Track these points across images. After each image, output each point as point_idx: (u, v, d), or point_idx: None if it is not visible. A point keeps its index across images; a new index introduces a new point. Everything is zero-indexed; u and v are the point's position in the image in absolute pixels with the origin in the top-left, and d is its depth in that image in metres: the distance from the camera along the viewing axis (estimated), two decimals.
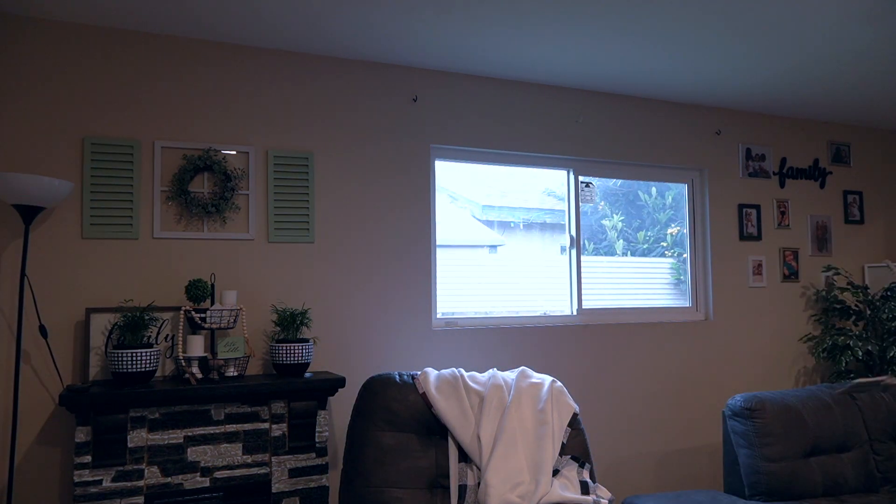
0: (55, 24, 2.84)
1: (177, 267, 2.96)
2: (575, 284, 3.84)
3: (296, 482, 2.75)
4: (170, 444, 2.57)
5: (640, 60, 3.43)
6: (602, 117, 3.93)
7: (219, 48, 3.10)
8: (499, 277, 3.69)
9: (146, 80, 2.97)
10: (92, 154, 2.84)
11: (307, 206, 3.19)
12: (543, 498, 2.42)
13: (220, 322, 2.77)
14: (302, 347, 2.84)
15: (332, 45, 3.17)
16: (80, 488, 2.43)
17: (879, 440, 3.04)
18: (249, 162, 3.10)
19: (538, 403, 2.71)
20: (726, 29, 3.04)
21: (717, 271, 4.18)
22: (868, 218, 4.76)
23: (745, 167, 4.34)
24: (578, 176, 3.92)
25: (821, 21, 2.97)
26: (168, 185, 2.96)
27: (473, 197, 3.74)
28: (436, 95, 3.52)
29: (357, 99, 3.35)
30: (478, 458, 2.55)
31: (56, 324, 2.76)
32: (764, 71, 3.60)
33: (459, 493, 2.50)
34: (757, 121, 4.42)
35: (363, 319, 3.28)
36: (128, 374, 2.54)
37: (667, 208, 4.24)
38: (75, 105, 2.85)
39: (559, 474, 2.58)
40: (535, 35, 3.08)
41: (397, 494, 2.47)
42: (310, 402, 2.78)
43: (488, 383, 2.78)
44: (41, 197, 2.57)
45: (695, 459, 4.03)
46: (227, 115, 3.09)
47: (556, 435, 2.64)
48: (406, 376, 2.79)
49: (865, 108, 4.32)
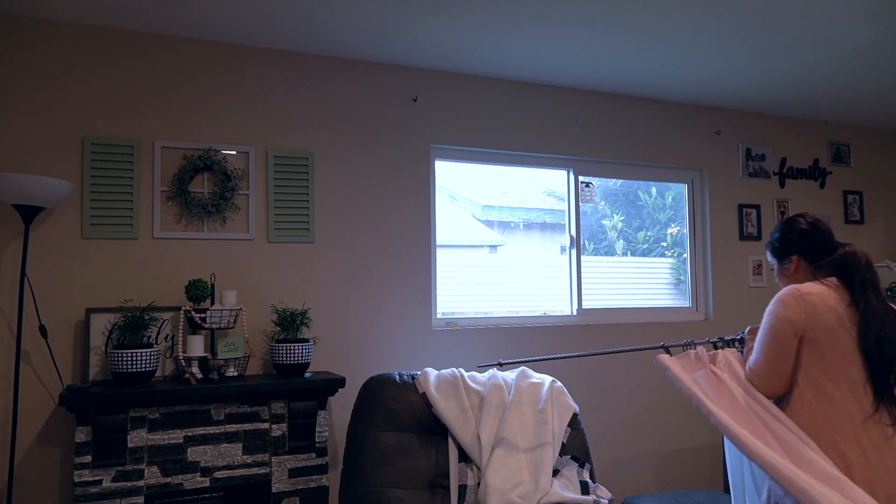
0: (55, 23, 2.84)
1: (177, 267, 2.96)
2: (575, 284, 3.84)
3: (296, 482, 2.75)
4: (170, 444, 2.57)
5: (641, 60, 3.43)
6: (602, 117, 3.93)
7: (219, 48, 3.10)
8: (499, 277, 3.69)
9: (146, 80, 2.97)
10: (92, 154, 2.84)
11: (307, 206, 3.19)
12: (543, 498, 2.42)
13: (220, 322, 2.77)
14: (302, 347, 2.84)
15: (332, 45, 3.17)
16: (80, 488, 2.43)
17: None
18: (249, 162, 3.10)
19: (538, 403, 2.71)
20: (726, 29, 3.04)
21: (717, 271, 4.18)
22: (868, 218, 4.76)
23: (745, 167, 4.35)
24: (578, 176, 3.92)
25: (821, 21, 2.97)
26: (168, 185, 2.96)
27: (473, 197, 3.74)
28: (436, 95, 3.52)
29: (357, 99, 3.35)
30: (478, 458, 2.55)
31: (56, 324, 2.76)
32: (764, 71, 3.60)
33: (459, 493, 2.50)
34: (757, 121, 4.42)
35: (363, 319, 3.28)
36: (128, 374, 2.54)
37: (667, 208, 4.24)
38: (75, 105, 2.85)
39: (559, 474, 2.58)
40: (535, 35, 3.08)
41: (397, 494, 2.47)
42: (310, 402, 2.78)
43: (488, 383, 2.77)
44: (41, 197, 2.57)
45: (695, 459, 4.03)
46: (227, 115, 3.09)
47: (556, 435, 2.64)
48: (406, 376, 2.79)
49: (865, 108, 4.32)
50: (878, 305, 1.82)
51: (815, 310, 1.82)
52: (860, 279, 1.86)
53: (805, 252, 2.00)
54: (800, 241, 2.01)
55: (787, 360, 1.84)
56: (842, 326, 1.80)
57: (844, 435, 1.73)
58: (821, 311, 1.82)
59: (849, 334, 1.80)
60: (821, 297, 1.84)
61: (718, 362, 2.04)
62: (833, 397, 1.77)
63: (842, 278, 1.89)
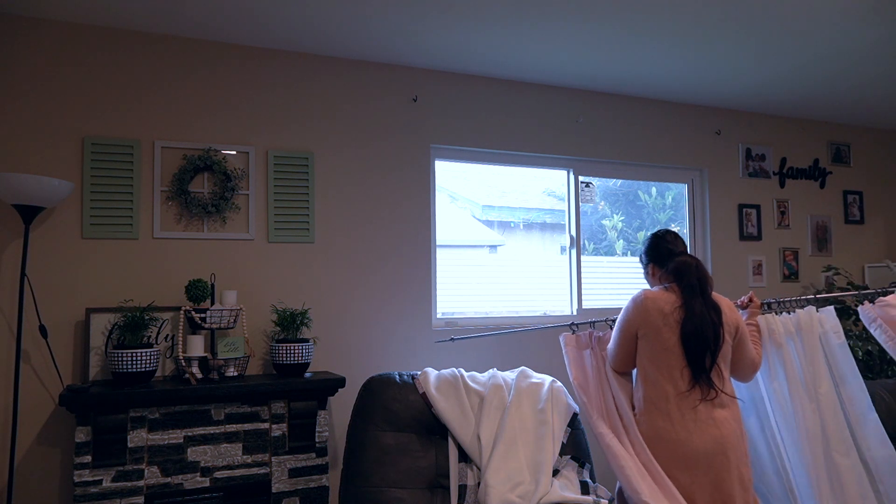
0: (55, 24, 2.84)
1: (177, 267, 2.96)
2: (575, 284, 3.83)
3: (296, 482, 2.75)
4: (170, 444, 2.57)
5: (641, 60, 3.43)
6: (602, 117, 3.93)
7: (219, 48, 3.10)
8: (499, 277, 3.69)
9: (146, 80, 2.97)
10: (92, 154, 2.84)
11: (307, 206, 3.19)
12: (543, 498, 2.42)
13: (220, 322, 2.77)
14: (302, 347, 2.84)
15: (333, 46, 3.17)
16: (80, 488, 2.43)
17: None
18: (249, 162, 3.10)
19: (538, 403, 2.71)
20: (726, 29, 3.04)
21: (717, 271, 4.18)
22: (868, 218, 4.75)
23: (745, 167, 4.34)
24: (578, 176, 3.92)
25: (821, 21, 2.97)
26: (168, 185, 2.96)
27: (473, 197, 3.74)
28: (436, 95, 3.52)
29: (357, 99, 3.35)
30: (478, 458, 2.55)
31: (56, 324, 2.76)
32: (764, 71, 3.60)
33: (459, 493, 2.50)
34: (757, 121, 4.42)
35: (363, 319, 3.28)
36: (128, 374, 2.54)
37: (667, 208, 4.24)
38: (75, 105, 2.85)
39: (559, 474, 2.58)
40: (536, 35, 3.08)
41: (397, 494, 2.47)
42: (310, 402, 2.78)
43: (488, 383, 2.77)
44: (41, 197, 2.57)
45: None
46: (227, 115, 3.09)
47: (556, 435, 2.64)
48: (406, 376, 2.79)
49: (865, 108, 4.32)
50: (700, 306, 2.23)
51: (647, 312, 2.26)
52: (688, 284, 2.26)
53: (655, 260, 2.44)
54: (649, 251, 2.46)
55: (629, 349, 2.34)
56: (667, 325, 2.23)
57: (661, 408, 2.22)
58: (651, 313, 2.25)
59: (672, 331, 2.22)
60: (654, 301, 2.27)
61: (603, 342, 2.53)
62: (655, 380, 2.25)
63: (678, 283, 2.29)
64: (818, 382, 2.50)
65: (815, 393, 2.48)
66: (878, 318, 2.54)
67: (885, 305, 2.54)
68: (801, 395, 2.47)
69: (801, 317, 2.60)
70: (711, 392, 2.20)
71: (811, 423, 2.43)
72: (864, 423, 2.48)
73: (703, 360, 2.20)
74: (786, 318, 2.60)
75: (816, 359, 2.53)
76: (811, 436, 2.42)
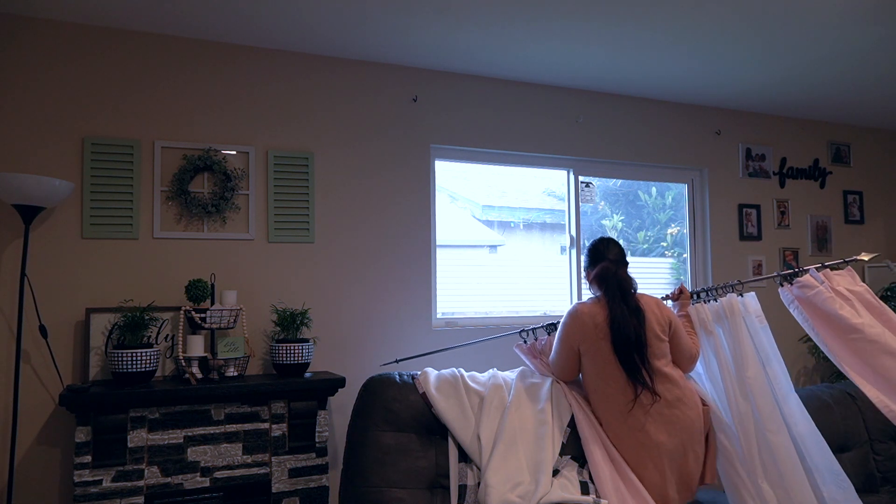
0: (55, 24, 2.84)
1: (177, 267, 2.96)
2: (575, 284, 3.83)
3: (296, 482, 2.75)
4: (170, 444, 2.57)
5: (641, 60, 3.43)
6: (602, 117, 3.93)
7: (219, 48, 3.10)
8: (499, 277, 3.69)
9: (146, 80, 2.97)
10: (92, 154, 2.84)
11: (307, 206, 3.19)
12: (543, 498, 2.42)
13: (220, 322, 2.77)
14: (302, 347, 2.84)
15: (332, 45, 3.17)
16: (80, 488, 2.43)
17: (879, 440, 3.04)
18: (249, 162, 3.10)
19: (538, 403, 2.71)
20: (727, 30, 3.04)
21: (717, 271, 4.18)
22: (868, 218, 4.75)
23: (745, 167, 4.34)
24: (578, 176, 3.92)
25: (821, 22, 2.97)
26: (168, 185, 2.96)
27: (473, 197, 3.74)
28: (436, 95, 3.52)
29: (357, 99, 3.35)
30: (478, 458, 2.55)
31: (56, 324, 2.76)
32: (764, 71, 3.60)
33: (459, 493, 2.50)
34: (757, 121, 4.42)
35: (363, 319, 3.28)
36: (128, 374, 2.54)
37: (667, 208, 4.24)
38: (75, 105, 2.85)
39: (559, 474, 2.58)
40: (535, 35, 3.08)
41: (397, 494, 2.47)
42: (310, 402, 2.78)
43: (488, 383, 2.77)
44: (41, 197, 2.57)
45: None
46: (227, 115, 3.09)
47: (556, 435, 2.64)
48: (406, 376, 2.79)
49: (865, 108, 4.32)
50: (624, 313, 2.27)
51: (584, 327, 2.32)
52: (611, 293, 2.31)
53: (588, 266, 2.51)
54: (586, 257, 2.54)
55: (572, 361, 2.41)
56: (602, 338, 2.28)
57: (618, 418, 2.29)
58: (588, 327, 2.31)
59: (607, 341, 2.27)
60: (590, 314, 2.32)
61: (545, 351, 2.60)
62: (606, 393, 2.30)
63: (602, 291, 2.36)
64: (746, 365, 2.55)
65: (744, 376, 2.54)
66: (796, 300, 2.62)
67: (802, 286, 2.61)
68: (732, 380, 2.54)
69: (725, 304, 2.65)
70: (655, 395, 2.26)
71: (743, 406, 2.50)
72: (788, 401, 2.55)
73: (636, 365, 2.26)
74: (714, 306, 2.65)
75: (744, 343, 2.59)
76: (744, 418, 2.48)
